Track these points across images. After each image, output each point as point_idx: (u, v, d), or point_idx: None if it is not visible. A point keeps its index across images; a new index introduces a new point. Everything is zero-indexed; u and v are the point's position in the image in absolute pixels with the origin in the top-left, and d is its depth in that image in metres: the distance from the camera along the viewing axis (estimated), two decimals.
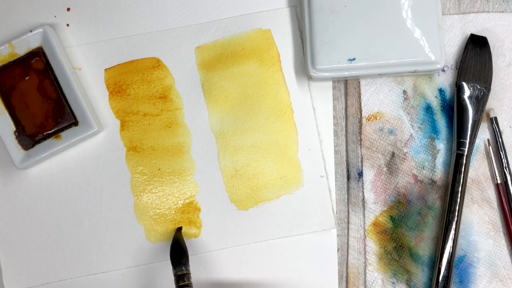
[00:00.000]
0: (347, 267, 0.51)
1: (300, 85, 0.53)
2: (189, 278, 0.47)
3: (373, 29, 0.50)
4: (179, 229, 0.51)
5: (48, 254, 0.51)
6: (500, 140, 0.52)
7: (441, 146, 0.52)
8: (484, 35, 0.52)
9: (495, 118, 0.52)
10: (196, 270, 0.51)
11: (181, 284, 0.46)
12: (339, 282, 0.51)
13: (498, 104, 0.53)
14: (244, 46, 0.53)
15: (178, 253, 0.48)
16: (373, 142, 0.52)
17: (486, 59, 0.52)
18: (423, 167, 0.52)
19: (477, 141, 0.52)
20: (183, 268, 0.47)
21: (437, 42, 0.50)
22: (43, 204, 0.52)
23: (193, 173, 0.52)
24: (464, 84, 0.51)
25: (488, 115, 0.52)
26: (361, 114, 0.52)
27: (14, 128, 0.50)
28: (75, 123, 0.51)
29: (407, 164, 0.52)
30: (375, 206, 0.52)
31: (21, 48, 0.50)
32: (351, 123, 0.52)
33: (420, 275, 0.51)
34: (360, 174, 0.52)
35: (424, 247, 0.51)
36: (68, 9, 0.53)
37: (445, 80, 0.53)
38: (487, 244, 0.51)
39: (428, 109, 0.52)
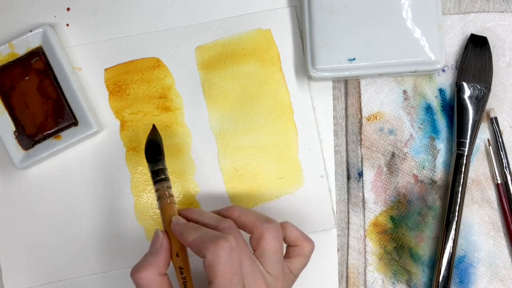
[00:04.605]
0: (347, 267, 0.51)
1: (300, 85, 0.52)
2: (165, 172, 0.45)
3: (373, 29, 0.49)
4: (154, 127, 0.48)
5: (48, 254, 0.51)
6: (500, 140, 0.51)
7: (441, 146, 0.52)
8: (484, 35, 0.52)
9: (495, 118, 0.52)
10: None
11: (157, 178, 0.44)
12: (339, 282, 0.51)
13: (498, 104, 0.53)
14: (244, 46, 0.53)
15: (154, 149, 0.46)
16: (373, 142, 0.52)
17: (486, 59, 0.52)
18: (423, 167, 0.52)
19: (477, 141, 0.52)
20: (160, 164, 0.45)
21: (437, 42, 0.50)
22: (43, 204, 0.52)
23: (193, 173, 0.52)
24: (464, 84, 0.51)
25: (488, 115, 0.52)
26: (361, 114, 0.52)
27: (14, 128, 0.50)
28: (75, 123, 0.51)
29: (407, 164, 0.52)
30: (375, 206, 0.52)
31: (21, 48, 0.50)
32: (351, 123, 0.52)
33: (420, 275, 0.51)
34: (360, 174, 0.52)
35: (424, 247, 0.51)
36: (68, 9, 0.53)
37: (445, 80, 0.53)
38: (487, 244, 0.51)
39: (428, 109, 0.52)
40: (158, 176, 0.44)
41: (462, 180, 0.50)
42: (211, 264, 0.38)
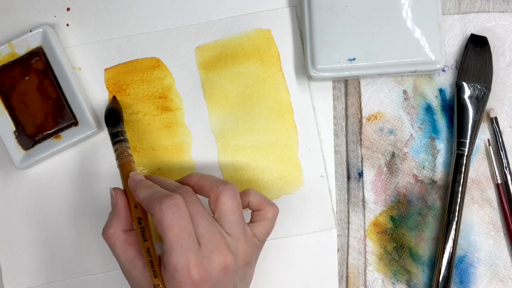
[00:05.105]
0: (347, 267, 0.51)
1: (300, 85, 0.52)
2: (123, 134, 0.48)
3: (373, 29, 0.49)
4: (114, 97, 0.52)
5: (48, 254, 0.52)
6: (500, 140, 0.51)
7: (441, 146, 0.52)
8: (484, 35, 0.52)
9: (495, 118, 0.52)
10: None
11: (116, 140, 0.47)
12: (339, 282, 0.51)
13: (499, 104, 0.53)
14: (244, 46, 0.53)
15: (113, 115, 0.49)
16: (373, 142, 0.52)
17: (486, 59, 0.52)
18: (423, 167, 0.52)
19: (477, 141, 0.52)
20: (118, 127, 0.48)
21: (437, 42, 0.50)
22: (43, 204, 0.52)
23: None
24: (464, 84, 0.51)
25: (488, 115, 0.52)
26: (361, 114, 0.52)
27: (14, 128, 0.50)
28: (75, 123, 0.51)
29: (407, 164, 0.52)
30: (375, 206, 0.52)
31: (21, 48, 0.50)
32: (351, 123, 0.52)
33: (420, 275, 0.51)
34: (360, 174, 0.52)
35: (424, 247, 0.51)
36: (68, 9, 0.53)
37: (445, 80, 0.53)
38: (488, 244, 0.51)
39: (428, 109, 0.52)
40: (117, 137, 0.47)
41: (462, 180, 0.50)
42: (159, 221, 0.39)
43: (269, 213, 0.45)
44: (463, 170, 0.50)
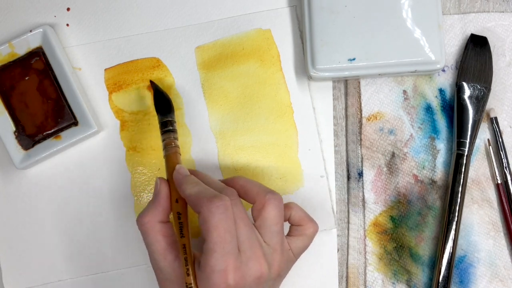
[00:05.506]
0: (347, 267, 0.51)
1: (300, 85, 0.52)
2: (173, 124, 0.47)
3: (373, 29, 0.49)
4: (152, 82, 0.51)
5: (48, 254, 0.51)
6: (500, 140, 0.51)
7: (441, 146, 0.52)
8: (484, 35, 0.52)
9: (495, 118, 0.52)
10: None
11: (165, 129, 0.46)
12: (339, 282, 0.51)
13: (499, 104, 0.53)
14: (244, 46, 0.53)
15: (164, 102, 0.48)
16: (373, 142, 0.52)
17: (486, 59, 0.52)
18: (423, 167, 0.52)
19: (477, 141, 0.52)
20: (169, 117, 0.47)
21: (437, 42, 0.50)
22: (43, 204, 0.52)
23: None
24: (464, 84, 0.51)
25: (488, 115, 0.52)
26: (361, 114, 0.52)
27: (14, 128, 0.50)
28: (75, 123, 0.51)
29: (407, 164, 0.52)
30: (375, 206, 0.52)
31: (21, 48, 0.50)
32: (351, 123, 0.52)
33: (420, 275, 0.51)
34: (360, 174, 0.52)
35: (424, 247, 0.51)
36: (68, 9, 0.53)
37: (445, 80, 0.53)
38: (487, 244, 0.51)
39: (428, 109, 0.52)
40: (166, 127, 0.46)
41: (462, 180, 0.50)
42: (205, 220, 0.39)
43: (309, 230, 0.45)
44: (463, 170, 0.50)
